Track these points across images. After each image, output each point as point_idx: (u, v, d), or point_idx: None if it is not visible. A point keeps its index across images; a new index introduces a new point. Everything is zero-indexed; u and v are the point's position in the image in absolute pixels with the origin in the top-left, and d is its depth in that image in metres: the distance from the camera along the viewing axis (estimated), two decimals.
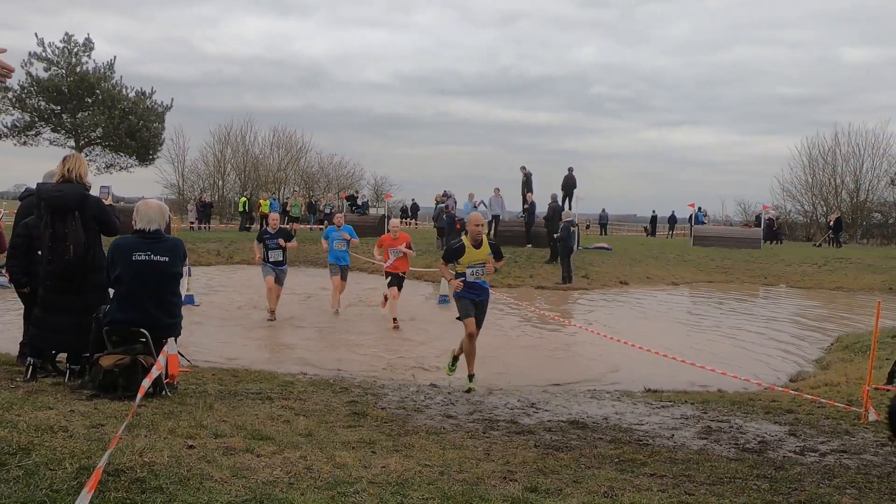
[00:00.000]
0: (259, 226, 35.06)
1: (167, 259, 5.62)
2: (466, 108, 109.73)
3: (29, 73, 35.04)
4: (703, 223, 36.89)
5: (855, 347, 10.35)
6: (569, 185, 24.54)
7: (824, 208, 42.89)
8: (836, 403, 6.54)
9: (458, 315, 7.60)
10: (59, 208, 5.87)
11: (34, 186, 6.64)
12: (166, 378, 5.52)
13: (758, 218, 35.03)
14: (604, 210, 45.65)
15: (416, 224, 39.99)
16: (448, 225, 21.22)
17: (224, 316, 12.50)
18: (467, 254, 7.53)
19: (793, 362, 10.29)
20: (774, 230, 35.20)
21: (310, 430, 4.84)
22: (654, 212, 46.71)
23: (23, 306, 6.66)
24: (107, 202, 6.58)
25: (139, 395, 4.14)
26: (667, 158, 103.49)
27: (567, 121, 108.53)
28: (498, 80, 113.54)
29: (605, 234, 41.96)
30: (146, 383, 4.55)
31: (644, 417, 6.19)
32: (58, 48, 35.82)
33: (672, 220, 46.02)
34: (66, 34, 36.04)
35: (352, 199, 37.88)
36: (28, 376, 5.87)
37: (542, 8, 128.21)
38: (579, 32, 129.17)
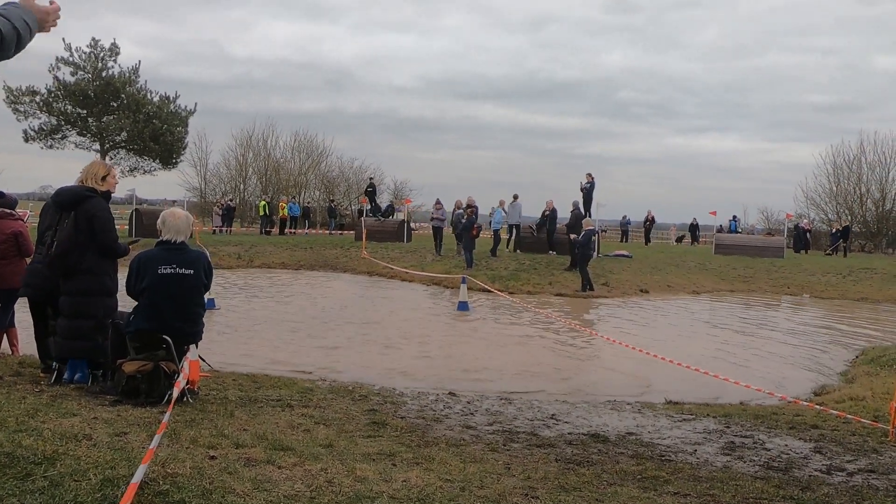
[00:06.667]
0: (279, 230, 35.17)
1: (192, 272, 5.67)
2: (492, 111, 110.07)
3: (56, 78, 35.64)
4: (737, 231, 36.42)
5: (881, 361, 10.17)
6: (590, 192, 24.41)
7: (849, 217, 42.18)
8: (863, 419, 6.42)
9: None
10: (59, 206, 6.05)
11: None
12: (187, 384, 5.55)
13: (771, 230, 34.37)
14: (625, 216, 45.08)
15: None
16: (465, 229, 21.05)
17: (244, 320, 12.57)
18: None
19: (816, 375, 10.12)
20: (806, 239, 34.69)
21: (330, 440, 4.83)
22: (694, 220, 43.68)
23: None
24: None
25: (169, 410, 4.16)
26: (692, 164, 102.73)
27: (593, 125, 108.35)
28: (525, 84, 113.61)
29: (627, 241, 41.46)
30: (175, 393, 4.57)
31: (666, 431, 6.12)
32: (84, 53, 36.41)
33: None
34: (93, 39, 36.66)
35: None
36: (52, 380, 5.94)
37: (571, 13, 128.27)
38: (608, 37, 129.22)
